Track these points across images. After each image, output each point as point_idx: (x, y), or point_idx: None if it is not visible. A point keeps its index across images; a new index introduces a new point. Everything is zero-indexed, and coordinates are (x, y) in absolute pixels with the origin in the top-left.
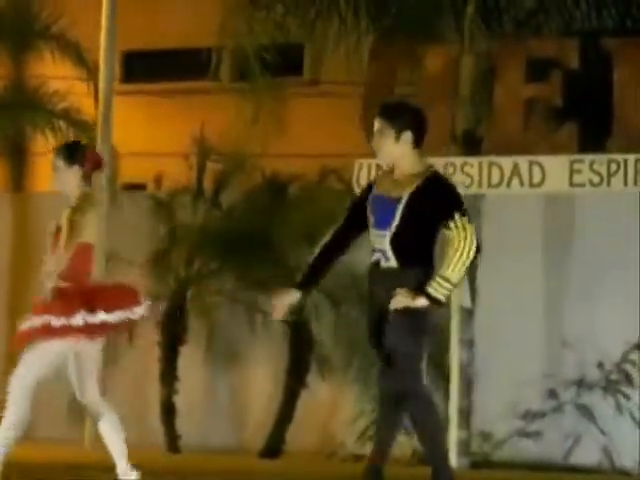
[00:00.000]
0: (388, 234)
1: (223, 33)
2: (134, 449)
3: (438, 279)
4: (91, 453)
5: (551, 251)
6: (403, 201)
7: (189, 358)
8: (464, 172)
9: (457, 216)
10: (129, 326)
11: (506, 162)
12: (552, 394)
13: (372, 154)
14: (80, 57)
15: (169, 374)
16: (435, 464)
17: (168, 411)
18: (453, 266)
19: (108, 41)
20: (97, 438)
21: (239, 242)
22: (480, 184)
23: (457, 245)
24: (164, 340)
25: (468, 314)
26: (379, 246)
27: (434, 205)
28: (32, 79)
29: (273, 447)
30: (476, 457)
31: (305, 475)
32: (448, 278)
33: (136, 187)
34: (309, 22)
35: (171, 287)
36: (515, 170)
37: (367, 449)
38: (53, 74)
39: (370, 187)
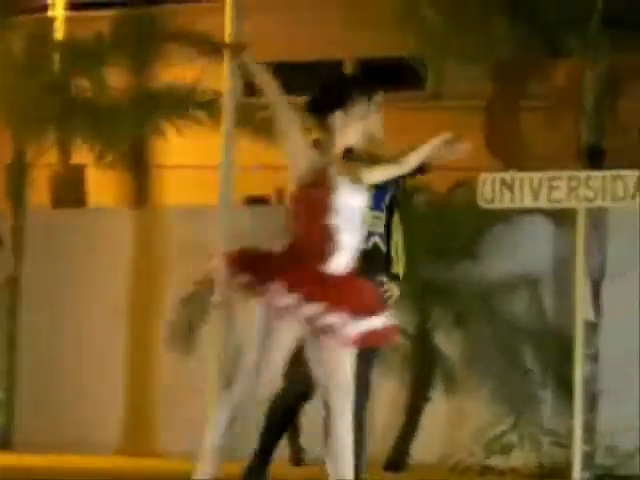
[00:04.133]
0: (383, 216)
1: (346, 47)
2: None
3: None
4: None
5: None
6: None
7: None
8: (588, 186)
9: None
10: None
11: (630, 176)
12: None
13: (494, 168)
14: (213, 46)
15: None
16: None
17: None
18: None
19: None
20: None
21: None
22: (604, 198)
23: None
24: None
25: (592, 328)
26: (377, 229)
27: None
28: (158, 84)
29: (397, 460)
30: (600, 471)
31: None
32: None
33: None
34: (433, 36)
35: None
36: None
37: (494, 461)
38: (180, 77)
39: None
